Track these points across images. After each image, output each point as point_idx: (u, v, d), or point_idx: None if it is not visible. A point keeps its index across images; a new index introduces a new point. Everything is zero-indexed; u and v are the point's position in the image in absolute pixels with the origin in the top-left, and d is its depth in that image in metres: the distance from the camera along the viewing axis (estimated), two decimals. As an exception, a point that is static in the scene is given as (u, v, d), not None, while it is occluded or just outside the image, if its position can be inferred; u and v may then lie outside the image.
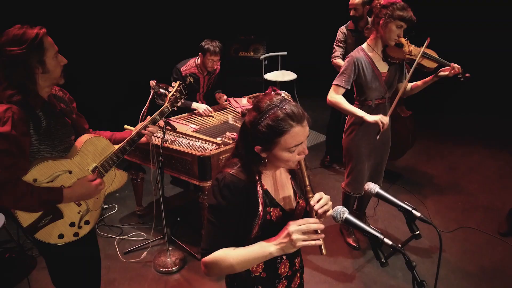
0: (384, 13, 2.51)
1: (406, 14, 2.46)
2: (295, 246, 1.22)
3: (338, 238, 3.34)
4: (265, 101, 1.30)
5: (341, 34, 3.88)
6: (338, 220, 1.29)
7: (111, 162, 1.99)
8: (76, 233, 1.90)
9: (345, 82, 2.66)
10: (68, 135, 1.86)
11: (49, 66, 1.72)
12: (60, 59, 1.78)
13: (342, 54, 3.88)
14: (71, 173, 1.82)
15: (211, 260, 1.31)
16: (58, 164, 1.77)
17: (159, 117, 2.28)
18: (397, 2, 2.49)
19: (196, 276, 2.95)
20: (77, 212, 1.89)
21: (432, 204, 3.80)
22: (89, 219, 1.94)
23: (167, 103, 2.39)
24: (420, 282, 1.22)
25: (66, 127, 1.85)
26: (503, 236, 3.33)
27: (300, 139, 1.29)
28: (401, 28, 2.52)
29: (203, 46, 3.51)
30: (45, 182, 1.74)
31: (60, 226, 1.84)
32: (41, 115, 1.73)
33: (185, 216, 3.58)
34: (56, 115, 1.81)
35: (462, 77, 2.66)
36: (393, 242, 1.21)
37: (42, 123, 1.73)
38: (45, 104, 1.77)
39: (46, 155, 1.77)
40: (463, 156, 4.71)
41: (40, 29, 1.70)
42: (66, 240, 1.86)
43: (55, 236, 1.83)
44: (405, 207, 1.37)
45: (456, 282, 2.88)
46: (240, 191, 1.32)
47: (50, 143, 1.77)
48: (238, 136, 1.42)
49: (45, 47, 1.70)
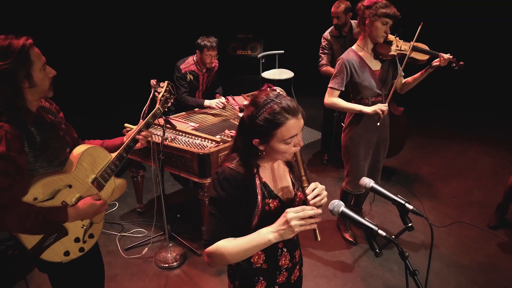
0: (369, 13, 2.59)
1: (389, 11, 2.55)
2: (294, 232, 1.29)
3: (335, 234, 3.41)
4: (262, 96, 1.37)
5: (325, 41, 3.92)
6: (335, 213, 1.35)
7: (110, 171, 1.92)
8: (82, 248, 1.83)
9: (339, 84, 2.74)
10: (63, 148, 1.78)
11: (36, 80, 1.61)
12: (48, 71, 1.67)
13: (329, 61, 3.93)
14: (71, 187, 1.75)
15: (213, 250, 1.37)
16: (57, 180, 1.70)
17: (152, 119, 2.23)
18: (379, 1, 2.57)
19: (197, 271, 3.01)
20: (80, 227, 1.83)
21: (427, 199, 3.87)
22: (93, 232, 1.89)
23: (158, 105, 2.35)
24: (412, 271, 1.28)
25: (60, 140, 1.78)
26: (493, 229, 3.41)
27: (295, 131, 1.36)
28: (387, 25, 2.60)
29: (200, 43, 3.57)
30: (46, 200, 1.67)
31: (65, 243, 1.77)
32: (34, 130, 1.64)
33: (185, 213, 3.64)
34: (48, 128, 1.73)
35: (456, 65, 2.73)
36: (387, 234, 1.27)
37: (36, 139, 1.64)
38: (36, 119, 1.68)
39: (43, 171, 1.68)
40: (458, 153, 4.78)
41: (26, 39, 1.58)
42: (72, 257, 1.80)
43: (61, 254, 1.75)
44: (398, 200, 1.43)
45: (450, 275, 2.95)
46: (239, 184, 1.39)
47: (46, 158, 1.69)
48: (237, 131, 1.48)
49: (32, 60, 1.58)
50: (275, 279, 1.58)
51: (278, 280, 1.59)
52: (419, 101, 4.66)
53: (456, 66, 2.74)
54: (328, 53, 3.93)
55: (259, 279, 1.55)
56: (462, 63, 2.73)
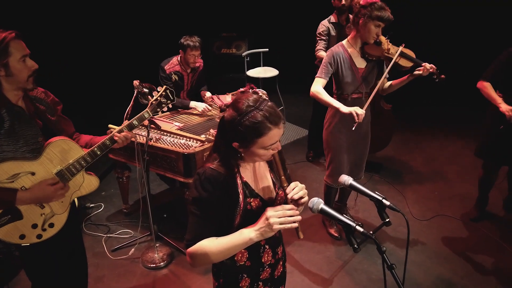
0: (363, 13, 2.63)
1: (384, 14, 2.58)
2: (273, 230, 1.32)
3: (320, 229, 3.46)
4: (243, 102, 1.37)
5: (324, 27, 3.97)
6: (314, 210, 1.39)
7: (78, 166, 1.93)
8: (40, 235, 1.89)
9: (325, 74, 2.80)
10: (35, 137, 1.86)
11: (13, 70, 1.75)
12: (29, 63, 1.80)
13: (325, 47, 3.98)
14: (34, 174, 1.82)
15: (195, 250, 1.39)
16: (20, 165, 1.79)
17: (137, 122, 2.18)
18: (376, 2, 2.60)
19: (184, 270, 3.03)
20: (40, 214, 1.88)
21: (411, 194, 3.95)
22: (54, 222, 1.93)
23: (148, 108, 2.26)
24: (390, 265, 1.32)
25: (33, 128, 1.86)
26: (474, 221, 3.51)
27: (276, 139, 1.39)
28: (379, 27, 2.65)
29: (183, 43, 3.56)
30: (5, 182, 1.76)
31: (21, 227, 1.84)
32: (5, 115, 1.77)
33: (172, 213, 3.65)
34: (22, 116, 1.83)
35: (437, 77, 2.79)
36: (365, 230, 1.32)
37: (5, 124, 1.76)
38: (11, 106, 1.80)
39: (11, 155, 1.79)
40: (440, 148, 4.89)
41: (10, 33, 1.74)
42: (28, 241, 1.87)
43: (16, 236, 1.84)
44: (375, 196, 1.48)
45: (432, 266, 3.03)
46: (220, 184, 1.41)
47: (13, 144, 1.79)
48: (217, 131, 1.51)
49: (10, 51, 1.73)
50: (259, 276, 1.61)
51: (262, 277, 1.62)
52: (403, 99, 4.74)
53: (437, 79, 2.79)
54: (325, 39, 3.98)
55: (243, 276, 1.58)
56: (443, 76, 2.78)
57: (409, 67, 2.82)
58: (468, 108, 5.77)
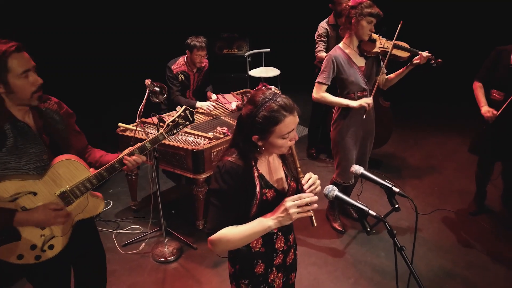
0: (354, 13, 2.76)
1: (373, 10, 2.73)
2: (292, 218, 1.42)
3: (324, 224, 3.56)
4: (259, 95, 1.48)
5: (322, 29, 4.08)
6: (330, 197, 1.49)
7: (83, 188, 1.81)
8: (38, 256, 1.80)
9: (326, 79, 2.90)
10: (39, 155, 1.75)
11: (13, 87, 1.62)
12: (31, 79, 1.65)
13: (325, 47, 4.10)
14: (36, 195, 1.72)
15: (216, 238, 1.49)
16: (22, 184, 1.69)
17: (150, 145, 1.99)
18: (364, 1, 2.75)
19: (194, 264, 3.11)
20: (39, 236, 1.79)
21: (411, 189, 4.06)
22: (54, 244, 1.82)
23: (163, 130, 2.03)
24: (400, 247, 1.42)
25: (38, 145, 1.75)
26: (473, 215, 3.63)
27: (292, 127, 1.48)
28: (371, 23, 2.78)
29: (189, 43, 3.66)
30: (6, 201, 1.67)
31: (19, 247, 1.76)
32: (8, 131, 1.67)
33: (179, 209, 3.73)
34: (28, 134, 1.73)
35: (434, 62, 2.91)
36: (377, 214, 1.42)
37: (7, 141, 1.66)
38: (15, 122, 1.70)
39: (14, 172, 1.69)
40: (438, 144, 5.01)
41: (10, 47, 1.58)
42: (26, 262, 1.79)
43: (14, 256, 1.76)
44: (386, 184, 1.58)
45: (434, 259, 3.13)
46: (239, 176, 1.50)
47: (15, 161, 1.69)
48: (235, 128, 1.60)
49: (9, 67, 1.59)
50: (272, 262, 1.71)
51: (275, 262, 1.72)
52: (401, 96, 4.85)
53: (435, 63, 2.91)
54: (324, 41, 4.09)
55: (258, 262, 1.68)
56: (440, 60, 2.90)
57: (406, 57, 2.94)
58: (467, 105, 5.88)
